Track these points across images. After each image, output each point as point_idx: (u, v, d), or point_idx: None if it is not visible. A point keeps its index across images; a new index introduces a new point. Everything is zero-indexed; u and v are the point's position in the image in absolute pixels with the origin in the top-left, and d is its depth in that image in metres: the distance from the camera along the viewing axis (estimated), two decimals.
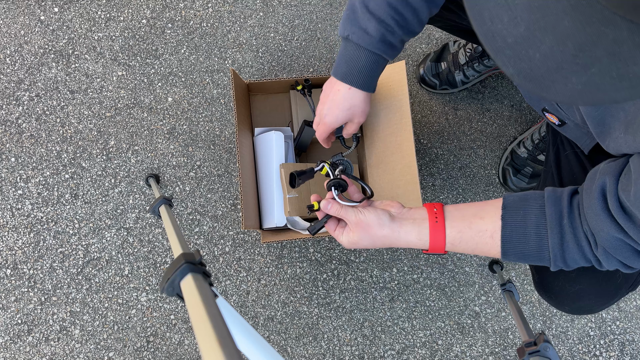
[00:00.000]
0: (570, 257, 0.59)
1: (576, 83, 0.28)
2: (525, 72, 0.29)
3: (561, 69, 0.27)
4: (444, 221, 0.65)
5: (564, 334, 1.25)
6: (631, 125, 0.51)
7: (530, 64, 0.28)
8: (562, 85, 0.29)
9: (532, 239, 0.60)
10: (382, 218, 0.66)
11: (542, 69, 0.28)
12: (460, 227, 0.64)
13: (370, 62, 0.77)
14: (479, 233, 0.63)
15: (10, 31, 1.30)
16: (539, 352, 0.63)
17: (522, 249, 0.61)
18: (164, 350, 1.20)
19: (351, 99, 0.82)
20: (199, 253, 0.49)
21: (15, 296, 1.20)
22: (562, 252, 0.59)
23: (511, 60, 0.30)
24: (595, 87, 0.27)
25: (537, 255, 0.60)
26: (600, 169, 0.57)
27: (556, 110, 0.70)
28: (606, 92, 0.27)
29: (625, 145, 0.53)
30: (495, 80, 1.35)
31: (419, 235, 0.66)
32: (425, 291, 1.26)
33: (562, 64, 0.27)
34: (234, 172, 1.28)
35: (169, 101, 1.30)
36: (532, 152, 1.22)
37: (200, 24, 1.34)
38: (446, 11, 0.87)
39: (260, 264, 1.25)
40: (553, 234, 0.58)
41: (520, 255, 0.62)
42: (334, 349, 1.22)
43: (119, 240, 1.23)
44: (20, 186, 1.24)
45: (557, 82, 0.28)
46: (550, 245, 0.59)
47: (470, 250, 0.65)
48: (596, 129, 0.58)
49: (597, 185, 0.55)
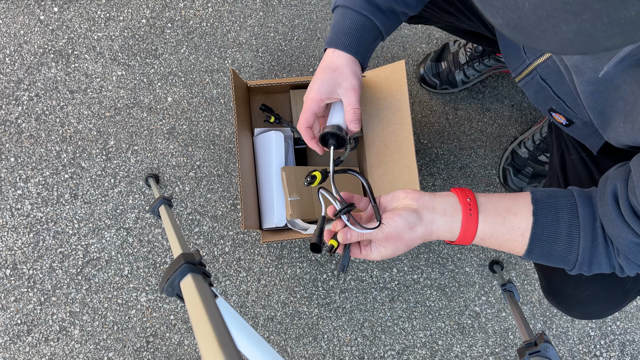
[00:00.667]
0: (597, 262, 0.57)
1: (567, 31, 0.27)
2: (515, 23, 0.29)
3: (551, 17, 0.27)
4: (478, 214, 0.60)
5: (564, 334, 1.25)
6: (630, 114, 0.50)
7: (520, 14, 0.28)
8: (552, 35, 0.28)
9: (563, 239, 0.57)
10: (410, 221, 0.60)
11: (531, 18, 0.27)
12: (494, 223, 0.60)
13: (355, 23, 0.70)
14: (511, 230, 0.59)
15: (9, 31, 1.30)
16: (540, 353, 0.63)
17: (550, 249, 0.58)
18: (164, 351, 1.19)
19: (336, 59, 0.71)
20: (198, 253, 0.49)
21: (14, 296, 1.20)
22: (590, 255, 0.57)
23: (500, 11, 0.29)
24: (587, 34, 0.27)
25: (563, 256, 0.58)
26: (610, 175, 0.56)
27: (564, 109, 0.69)
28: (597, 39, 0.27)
29: (624, 134, 0.53)
30: (495, 80, 1.35)
31: (451, 229, 0.61)
32: (426, 291, 1.26)
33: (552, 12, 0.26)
34: (233, 172, 1.28)
35: (168, 101, 1.30)
36: (533, 153, 1.22)
37: (200, 24, 1.34)
38: (446, 14, 0.87)
39: (260, 264, 1.25)
40: (585, 236, 0.56)
41: (546, 255, 0.59)
42: (334, 349, 1.22)
43: (118, 240, 1.23)
44: (20, 186, 1.24)
45: (548, 31, 0.28)
46: (581, 247, 0.56)
47: (496, 245, 0.62)
48: (597, 119, 0.57)
49: (608, 191, 0.54)
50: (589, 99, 0.56)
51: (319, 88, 0.71)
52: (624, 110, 0.51)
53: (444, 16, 0.88)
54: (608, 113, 0.55)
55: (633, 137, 0.51)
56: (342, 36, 0.70)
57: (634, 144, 0.53)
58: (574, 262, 0.58)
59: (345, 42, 0.70)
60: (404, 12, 0.73)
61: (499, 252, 1.28)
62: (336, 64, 0.71)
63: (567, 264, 0.59)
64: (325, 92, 0.71)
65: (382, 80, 1.10)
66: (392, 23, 0.73)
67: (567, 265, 0.59)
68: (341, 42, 0.70)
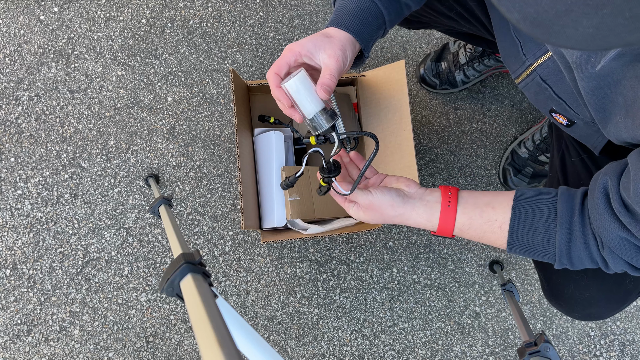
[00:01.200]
0: (576, 255, 0.58)
1: (587, 26, 0.26)
2: (532, 17, 0.28)
3: (571, 12, 0.26)
4: (457, 206, 0.65)
5: (564, 334, 1.25)
6: (631, 109, 0.51)
7: (537, 8, 0.27)
8: (572, 30, 0.27)
9: (540, 232, 0.59)
10: (395, 199, 0.65)
11: (550, 12, 0.26)
12: (471, 215, 0.64)
13: (359, 6, 0.67)
14: (488, 222, 0.63)
15: (9, 31, 1.30)
16: (540, 353, 0.63)
17: (529, 242, 0.61)
18: (164, 351, 1.19)
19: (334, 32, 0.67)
20: (198, 253, 0.49)
21: (14, 296, 1.20)
22: (568, 248, 0.58)
23: (516, 5, 0.28)
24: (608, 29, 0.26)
25: (542, 249, 0.60)
26: (602, 170, 0.57)
27: (565, 110, 0.69)
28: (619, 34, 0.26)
29: (624, 129, 0.53)
30: (495, 80, 1.35)
31: (430, 217, 0.65)
32: (426, 291, 1.26)
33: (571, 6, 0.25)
34: (233, 172, 1.28)
35: (168, 101, 1.30)
36: (533, 153, 1.22)
37: (200, 24, 1.34)
38: (446, 19, 0.87)
39: (260, 264, 1.25)
40: (562, 229, 0.58)
41: (526, 248, 0.61)
42: (334, 349, 1.22)
43: (118, 240, 1.23)
44: (20, 186, 1.24)
45: (567, 26, 0.27)
46: (558, 239, 0.58)
47: (477, 237, 0.65)
48: (597, 115, 0.58)
49: (599, 185, 0.55)
50: (590, 94, 0.56)
51: (303, 43, 0.66)
52: (625, 105, 0.51)
53: (444, 20, 0.88)
54: (609, 108, 0.55)
55: (633, 132, 0.51)
56: (344, 17, 0.67)
57: (633, 139, 0.53)
58: (553, 255, 0.60)
59: (347, 23, 0.67)
60: (407, 3, 0.72)
61: (499, 251, 1.28)
62: (331, 34, 0.67)
63: (548, 257, 0.61)
64: (307, 49, 0.65)
65: (382, 80, 1.10)
66: (396, 11, 0.71)
67: (548, 259, 0.61)
68: (343, 22, 0.67)
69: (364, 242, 1.28)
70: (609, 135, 0.58)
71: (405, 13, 0.74)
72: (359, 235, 1.28)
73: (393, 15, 0.71)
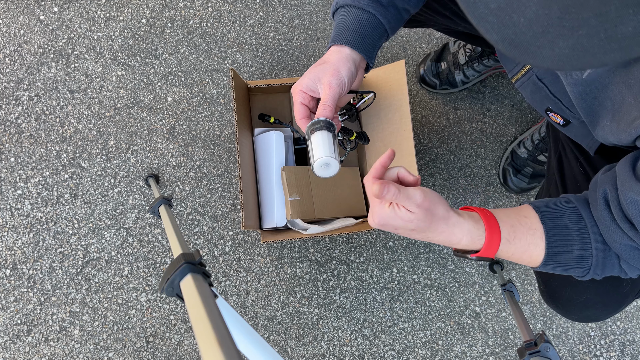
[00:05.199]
0: (609, 263, 0.56)
1: (563, 47, 0.27)
2: (510, 39, 0.28)
3: (547, 33, 0.26)
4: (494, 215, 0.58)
5: (565, 334, 1.25)
6: (617, 113, 0.51)
7: (515, 30, 0.27)
8: (549, 50, 0.27)
9: (576, 243, 0.55)
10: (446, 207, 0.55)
11: (527, 34, 0.27)
12: (512, 222, 0.57)
13: (358, 19, 0.68)
14: (530, 231, 0.56)
15: (9, 31, 1.30)
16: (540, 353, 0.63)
17: (566, 256, 0.56)
18: (164, 351, 1.19)
19: (330, 54, 0.69)
20: (198, 253, 0.49)
21: (14, 296, 1.20)
22: (604, 257, 0.56)
23: (495, 27, 0.28)
24: (584, 50, 0.26)
25: (579, 262, 0.56)
26: (599, 180, 0.56)
27: (560, 109, 0.69)
28: (595, 55, 0.26)
29: (610, 132, 0.53)
30: (495, 80, 1.35)
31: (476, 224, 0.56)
32: (426, 291, 1.26)
33: (548, 28, 0.26)
34: (233, 172, 1.28)
35: (168, 101, 1.30)
36: (532, 153, 1.22)
37: (200, 24, 1.34)
38: (442, 17, 0.87)
39: (260, 264, 1.25)
40: (596, 237, 0.55)
41: (562, 262, 0.56)
42: (334, 349, 1.22)
43: (118, 240, 1.23)
44: (20, 186, 1.24)
45: (544, 47, 0.27)
46: (594, 248, 0.55)
47: (520, 250, 0.57)
48: (587, 118, 0.58)
49: (599, 196, 0.54)
50: (578, 99, 0.56)
51: (303, 81, 0.70)
52: (612, 109, 0.52)
53: (440, 19, 0.88)
54: (597, 112, 0.55)
55: (618, 135, 0.52)
56: (345, 32, 0.68)
57: (619, 142, 0.54)
58: (588, 266, 0.56)
59: (347, 38, 0.68)
60: (405, 8, 0.72)
61: None
62: (325, 59, 0.69)
63: (582, 269, 0.57)
64: (306, 85, 0.69)
65: (382, 80, 1.10)
66: (395, 18, 0.72)
67: (581, 272, 0.57)
68: (344, 38, 0.68)
69: (364, 242, 1.28)
70: (597, 137, 0.59)
71: (405, 17, 0.75)
72: (359, 235, 1.28)
73: (393, 22, 0.71)
